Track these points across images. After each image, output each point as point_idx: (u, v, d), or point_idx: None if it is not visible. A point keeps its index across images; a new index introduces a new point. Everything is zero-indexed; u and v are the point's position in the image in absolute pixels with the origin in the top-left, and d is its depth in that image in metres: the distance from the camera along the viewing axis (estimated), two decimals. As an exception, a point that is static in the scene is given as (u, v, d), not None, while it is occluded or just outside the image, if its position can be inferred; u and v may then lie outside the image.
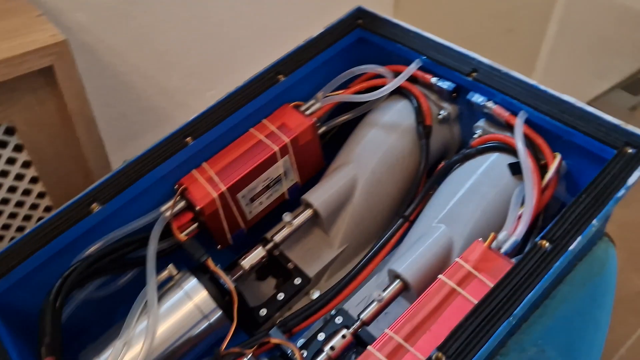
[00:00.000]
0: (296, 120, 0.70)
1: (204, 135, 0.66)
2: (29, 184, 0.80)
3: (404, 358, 0.49)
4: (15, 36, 0.66)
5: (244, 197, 0.68)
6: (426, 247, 0.62)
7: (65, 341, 0.58)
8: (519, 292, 0.47)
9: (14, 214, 0.82)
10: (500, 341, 0.56)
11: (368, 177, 0.71)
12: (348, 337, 0.59)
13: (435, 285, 0.54)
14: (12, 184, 0.79)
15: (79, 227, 0.60)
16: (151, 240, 0.63)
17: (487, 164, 0.65)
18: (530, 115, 0.61)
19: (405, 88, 0.72)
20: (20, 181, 0.79)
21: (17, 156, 0.76)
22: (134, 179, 0.62)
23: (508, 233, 0.56)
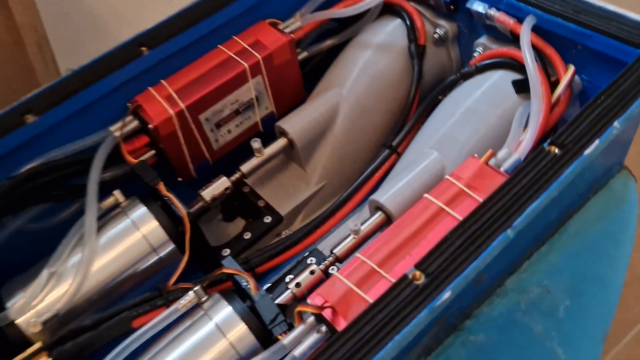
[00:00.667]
0: (272, 36, 0.62)
1: (162, 45, 0.58)
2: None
3: (377, 285, 0.40)
4: None
5: (208, 121, 0.60)
6: (414, 175, 0.53)
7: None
8: (520, 201, 0.37)
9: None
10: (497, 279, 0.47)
11: (352, 105, 0.62)
12: (317, 273, 0.50)
13: (419, 205, 0.45)
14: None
15: (9, 140, 0.52)
16: (95, 161, 0.54)
17: (488, 83, 0.56)
18: (539, 19, 0.52)
19: (397, 4, 0.64)
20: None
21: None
22: (77, 89, 0.54)
23: (509, 150, 0.47)
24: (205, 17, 0.60)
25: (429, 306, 0.34)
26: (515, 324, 0.45)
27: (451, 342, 0.44)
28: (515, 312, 0.45)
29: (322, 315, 0.39)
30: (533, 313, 0.45)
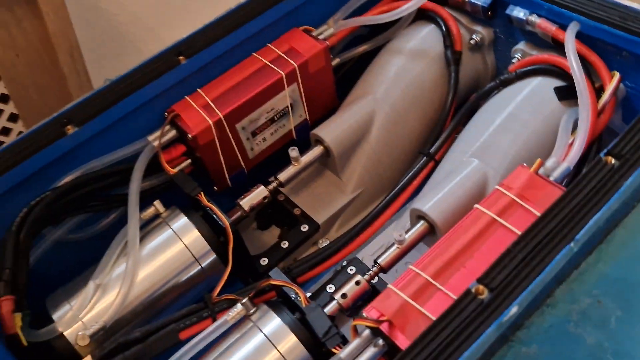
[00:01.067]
0: (306, 43, 0.61)
1: (199, 54, 0.58)
2: (8, 122, 0.72)
3: (433, 298, 0.40)
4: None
5: (245, 130, 0.59)
6: (455, 183, 0.53)
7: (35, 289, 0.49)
8: (581, 214, 0.37)
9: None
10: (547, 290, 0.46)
11: (388, 112, 0.62)
12: (363, 283, 0.50)
13: (470, 216, 0.44)
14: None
15: (51, 151, 0.52)
16: (135, 171, 0.54)
17: (528, 89, 0.56)
18: (584, 25, 0.51)
19: (432, 10, 0.63)
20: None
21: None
22: (116, 100, 0.54)
23: (558, 159, 0.47)
24: (240, 25, 0.60)
25: (496, 322, 0.34)
26: (567, 336, 0.45)
27: (504, 354, 0.43)
28: (566, 323, 0.45)
29: (379, 328, 0.39)
30: (585, 324, 0.45)
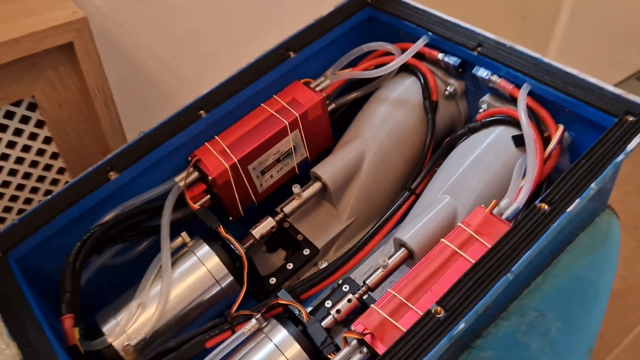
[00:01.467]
0: (306, 95, 0.72)
1: (216, 108, 0.68)
2: (50, 159, 0.83)
3: (405, 315, 0.51)
4: (37, 13, 0.70)
5: (255, 170, 0.70)
6: (430, 216, 0.63)
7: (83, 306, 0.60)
8: (517, 250, 0.48)
9: (36, 189, 0.85)
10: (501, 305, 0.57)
11: (376, 152, 0.73)
12: (354, 301, 0.61)
13: (437, 248, 0.55)
14: (33, 158, 0.82)
15: (97, 194, 0.63)
16: (165, 208, 0.65)
17: (492, 137, 0.66)
18: (534, 87, 0.62)
19: (412, 65, 0.74)
20: (42, 156, 0.82)
21: (39, 132, 0.79)
22: (149, 149, 0.65)
23: (510, 200, 0.58)
24: (251, 82, 0.70)
25: (448, 335, 0.45)
26: (517, 343, 0.55)
27: (465, 358, 0.55)
28: (516, 332, 0.56)
29: (363, 339, 0.50)
30: (531, 333, 0.56)
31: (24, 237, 0.60)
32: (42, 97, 0.74)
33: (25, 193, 0.84)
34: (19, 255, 0.60)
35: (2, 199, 0.83)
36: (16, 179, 0.82)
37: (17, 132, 0.78)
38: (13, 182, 0.82)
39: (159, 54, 1.17)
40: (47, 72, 0.72)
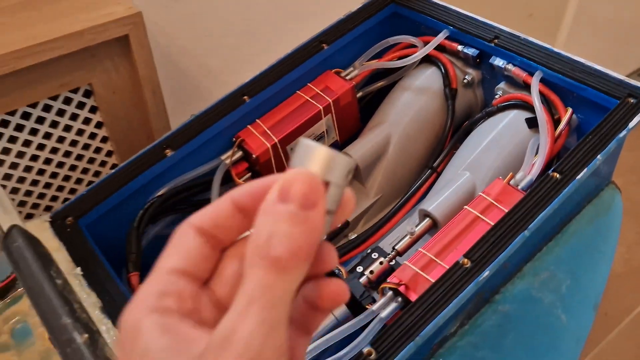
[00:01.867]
0: (338, 83, 0.80)
1: (258, 94, 0.76)
2: (100, 142, 0.91)
3: (434, 270, 0.58)
4: (97, 8, 0.77)
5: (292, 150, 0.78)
6: (452, 190, 0.71)
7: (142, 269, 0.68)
8: (533, 211, 0.55)
9: (86, 170, 0.93)
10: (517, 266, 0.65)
11: (401, 134, 0.80)
12: (385, 263, 0.68)
13: (460, 214, 0.63)
14: (86, 141, 0.90)
15: (155, 169, 0.70)
16: (214, 182, 0.73)
17: (507, 120, 0.74)
18: (545, 74, 0.69)
19: (434, 56, 0.82)
20: (93, 140, 0.90)
21: (92, 117, 0.87)
22: (200, 130, 0.73)
23: (525, 173, 0.65)
24: (288, 71, 0.78)
25: (474, 281, 0.52)
26: (531, 298, 0.63)
27: (485, 311, 0.62)
28: (531, 289, 0.63)
29: (398, 290, 0.58)
30: (544, 290, 0.63)
31: (92, 206, 0.67)
32: (99, 85, 0.82)
33: (77, 174, 0.92)
34: (87, 222, 0.67)
35: (56, 178, 0.91)
36: (70, 159, 0.90)
37: (72, 117, 0.86)
38: (67, 163, 0.90)
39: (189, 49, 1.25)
40: (104, 61, 0.80)
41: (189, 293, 0.28)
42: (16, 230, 0.53)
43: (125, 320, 0.27)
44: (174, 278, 0.28)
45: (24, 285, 0.47)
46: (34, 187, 0.89)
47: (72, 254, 0.61)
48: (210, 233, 0.29)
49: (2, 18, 0.73)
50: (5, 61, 0.68)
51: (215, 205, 0.29)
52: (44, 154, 0.86)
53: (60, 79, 0.77)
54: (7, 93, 0.73)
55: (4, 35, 0.69)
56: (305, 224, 0.25)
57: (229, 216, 0.28)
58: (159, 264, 0.29)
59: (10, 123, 0.80)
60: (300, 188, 0.25)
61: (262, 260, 0.24)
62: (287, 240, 0.24)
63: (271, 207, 0.25)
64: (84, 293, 0.58)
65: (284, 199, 0.25)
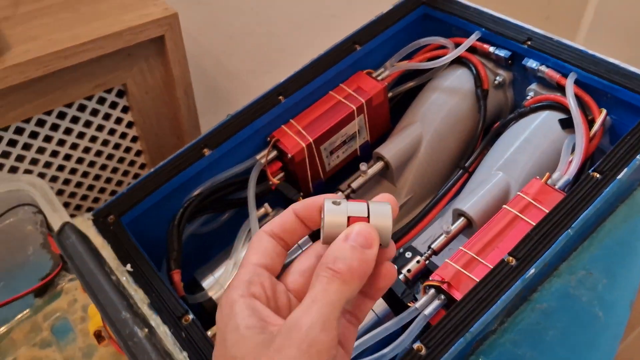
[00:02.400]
0: (370, 84, 0.81)
1: (293, 94, 0.77)
2: (130, 142, 0.92)
3: (477, 268, 0.59)
4: (134, 9, 0.78)
5: (325, 150, 0.79)
6: (486, 190, 0.72)
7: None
8: (576, 210, 0.56)
9: (116, 169, 0.94)
10: (554, 265, 0.66)
11: (432, 134, 0.81)
12: (421, 262, 0.69)
13: (499, 213, 0.64)
14: (117, 141, 0.91)
15: (194, 167, 0.71)
16: (250, 181, 0.74)
17: (539, 120, 0.75)
18: (579, 75, 0.70)
19: (465, 57, 0.83)
20: (124, 139, 0.91)
21: (124, 117, 0.88)
22: (237, 129, 0.74)
23: (561, 173, 0.66)
24: (322, 72, 0.79)
25: (521, 278, 0.53)
26: (568, 296, 0.64)
27: (524, 309, 0.63)
28: (568, 287, 0.64)
29: (441, 287, 0.58)
30: (580, 288, 0.64)
31: (133, 204, 0.68)
32: (133, 85, 0.83)
33: (107, 173, 0.93)
34: (128, 220, 0.68)
35: (87, 177, 0.92)
36: (100, 159, 0.91)
37: (105, 117, 0.87)
38: (98, 162, 0.91)
39: (211, 51, 1.26)
40: (139, 62, 0.81)
41: (268, 283, 0.36)
42: (68, 227, 0.53)
43: (224, 301, 0.35)
44: (258, 270, 0.37)
45: (82, 280, 0.48)
46: (65, 186, 0.90)
47: (117, 251, 0.62)
48: (279, 236, 0.38)
49: (45, 19, 0.74)
50: (49, 61, 0.69)
51: (281, 215, 0.39)
52: (76, 153, 0.87)
53: (98, 79, 0.78)
54: (46, 93, 0.74)
55: (49, 34, 0.70)
56: (362, 254, 0.34)
57: (292, 222, 0.38)
58: (246, 260, 0.38)
59: (47, 122, 0.81)
60: (360, 234, 0.35)
61: (326, 272, 0.33)
62: (347, 262, 0.34)
63: (339, 243, 0.35)
64: (131, 289, 0.59)
65: (348, 239, 0.34)
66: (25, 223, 0.65)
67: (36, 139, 0.81)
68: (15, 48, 0.69)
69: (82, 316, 0.71)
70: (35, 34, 0.72)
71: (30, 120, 0.78)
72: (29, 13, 0.76)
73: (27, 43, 0.70)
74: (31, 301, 0.72)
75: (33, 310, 0.71)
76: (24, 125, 0.78)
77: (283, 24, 1.34)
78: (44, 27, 0.73)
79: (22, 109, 0.74)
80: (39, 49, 0.69)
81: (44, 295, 0.72)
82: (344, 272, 0.33)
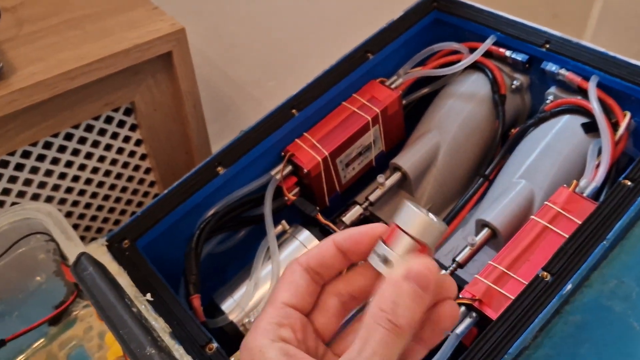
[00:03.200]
0: (384, 93, 0.79)
1: (306, 107, 0.75)
2: (139, 160, 0.90)
3: (508, 283, 0.57)
4: (141, 26, 0.76)
5: (341, 162, 0.77)
6: (510, 198, 0.70)
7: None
8: (610, 220, 0.54)
9: (125, 188, 0.92)
10: (584, 275, 0.64)
11: (450, 142, 0.79)
12: (447, 276, 0.67)
13: (528, 225, 0.62)
14: (125, 160, 0.89)
15: (209, 186, 0.69)
16: (266, 198, 0.72)
17: (560, 125, 0.73)
18: (602, 78, 0.68)
19: (480, 62, 0.81)
20: (132, 158, 0.89)
21: (132, 134, 0.86)
22: (251, 146, 0.72)
23: (588, 180, 0.64)
24: (335, 83, 0.76)
25: (558, 295, 0.51)
26: (601, 307, 0.62)
27: (556, 322, 0.61)
28: (600, 298, 0.62)
29: (472, 305, 0.56)
30: (614, 298, 0.62)
31: (148, 227, 0.66)
32: (141, 102, 0.81)
33: (115, 192, 0.91)
34: (144, 244, 0.66)
35: (96, 197, 0.90)
36: (109, 179, 0.89)
37: (113, 136, 0.85)
38: (106, 181, 0.89)
39: (214, 61, 1.25)
40: (147, 79, 0.79)
41: (299, 325, 0.34)
42: (85, 257, 0.51)
43: (250, 346, 0.33)
44: (288, 311, 0.35)
45: (102, 314, 0.46)
46: (74, 207, 0.88)
47: (134, 278, 0.60)
48: (315, 271, 0.35)
49: (50, 38, 0.72)
50: (55, 83, 0.67)
51: (320, 247, 0.36)
52: (84, 174, 0.85)
53: (105, 98, 0.76)
54: (54, 115, 0.72)
55: (55, 55, 0.68)
56: (422, 300, 0.32)
57: (332, 256, 0.35)
58: (274, 296, 0.35)
59: (54, 144, 0.79)
60: (420, 272, 0.32)
61: (386, 323, 0.31)
62: (408, 313, 0.31)
63: (397, 281, 0.32)
64: (151, 319, 0.57)
65: (408, 278, 0.32)
66: (37, 251, 0.63)
67: (43, 161, 0.79)
68: (21, 70, 0.67)
69: (99, 344, 0.69)
70: (40, 55, 0.70)
71: (37, 144, 0.76)
72: (34, 33, 0.74)
73: (33, 65, 0.68)
74: (46, 329, 0.70)
75: (48, 339, 0.69)
76: (30, 148, 0.76)
77: (288, 32, 1.32)
78: (49, 47, 0.71)
79: (29, 132, 0.72)
80: (45, 71, 0.67)
81: (59, 323, 0.70)
82: (405, 325, 0.31)
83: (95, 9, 0.79)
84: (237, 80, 1.32)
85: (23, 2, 0.82)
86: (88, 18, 0.77)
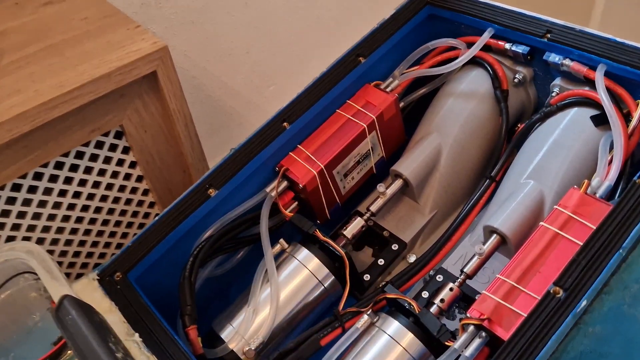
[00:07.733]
0: (379, 97, 0.75)
1: (298, 119, 0.72)
2: (135, 182, 0.88)
3: (519, 298, 0.53)
4: (122, 47, 0.74)
5: (339, 173, 0.74)
6: (518, 201, 0.65)
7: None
8: (625, 226, 0.50)
9: (124, 211, 0.90)
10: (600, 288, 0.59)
11: (452, 144, 0.75)
12: (455, 289, 0.63)
13: (537, 232, 0.57)
14: (121, 183, 0.86)
15: (200, 211, 0.67)
16: (262, 217, 0.69)
17: (568, 119, 0.68)
18: (610, 67, 0.64)
19: (479, 57, 0.76)
20: (128, 180, 0.87)
21: (125, 157, 0.84)
22: (242, 164, 0.69)
23: (601, 179, 0.59)
24: (328, 90, 0.73)
25: (572, 313, 0.47)
26: (623, 315, 0.57)
27: (575, 334, 0.56)
28: (622, 305, 0.57)
29: (482, 325, 0.53)
30: (637, 305, 0.57)
31: (140, 258, 0.64)
32: (130, 125, 0.78)
33: (115, 216, 0.89)
34: (137, 275, 0.64)
35: (95, 224, 0.88)
36: (107, 204, 0.87)
37: (106, 160, 0.82)
38: (104, 207, 0.87)
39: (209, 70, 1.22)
40: (134, 101, 0.76)
41: None
42: (68, 300, 0.49)
43: None
44: None
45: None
46: (73, 235, 0.86)
47: (126, 314, 0.58)
48: None
49: (30, 67, 0.70)
50: (35, 114, 0.65)
51: None
52: (80, 201, 0.83)
53: (92, 124, 0.74)
54: (39, 146, 0.70)
55: (34, 86, 0.66)
56: None
57: None
58: None
59: (44, 175, 0.77)
60: None
61: None
62: None
63: None
64: (144, 357, 0.54)
65: None
66: (27, 290, 0.61)
67: (35, 193, 0.78)
68: (0, 104, 0.65)
69: (100, 379, 0.66)
70: (19, 86, 0.68)
71: (27, 176, 0.75)
72: (13, 63, 0.73)
73: (12, 97, 0.66)
74: (46, 367, 0.68)
75: (49, 377, 0.67)
76: (20, 181, 0.74)
77: (283, 36, 1.28)
78: (27, 78, 0.69)
79: (14, 166, 0.70)
80: (23, 103, 0.65)
81: (59, 359, 0.68)
82: None
83: (75, 32, 0.77)
84: (236, 88, 1.29)
85: (5, 30, 0.80)
86: (67, 43, 0.75)
